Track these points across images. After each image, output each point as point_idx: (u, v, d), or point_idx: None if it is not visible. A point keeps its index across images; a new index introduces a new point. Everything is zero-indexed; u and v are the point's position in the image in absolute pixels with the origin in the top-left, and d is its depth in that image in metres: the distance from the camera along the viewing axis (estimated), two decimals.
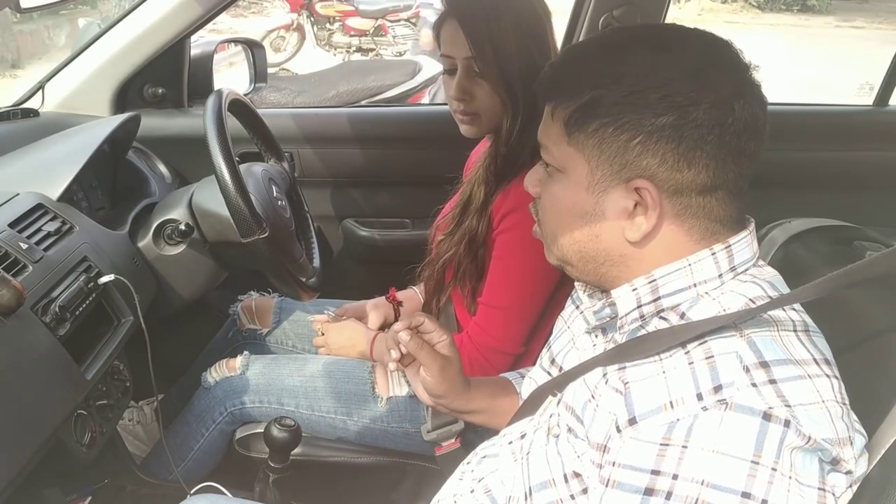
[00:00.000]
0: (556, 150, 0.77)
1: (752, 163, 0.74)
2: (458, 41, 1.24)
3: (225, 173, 1.21)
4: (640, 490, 0.65)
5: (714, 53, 0.73)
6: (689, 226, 0.74)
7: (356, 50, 8.29)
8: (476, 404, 1.06)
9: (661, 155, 0.71)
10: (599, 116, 0.72)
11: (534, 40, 1.24)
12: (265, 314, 1.66)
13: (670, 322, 0.75)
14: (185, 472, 1.40)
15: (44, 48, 7.53)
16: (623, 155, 0.72)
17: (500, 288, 1.28)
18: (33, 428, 1.00)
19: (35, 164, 1.36)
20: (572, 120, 0.74)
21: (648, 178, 0.72)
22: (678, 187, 0.72)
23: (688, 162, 0.71)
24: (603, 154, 0.73)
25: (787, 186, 1.81)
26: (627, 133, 0.71)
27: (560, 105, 0.76)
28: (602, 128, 0.72)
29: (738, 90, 0.72)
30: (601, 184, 0.74)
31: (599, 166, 0.74)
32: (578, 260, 0.80)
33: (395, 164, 2.01)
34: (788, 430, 0.63)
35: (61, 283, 1.12)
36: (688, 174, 0.71)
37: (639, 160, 0.72)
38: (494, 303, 1.28)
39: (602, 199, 0.75)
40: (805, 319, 0.74)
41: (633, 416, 0.68)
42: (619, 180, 0.73)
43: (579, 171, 0.75)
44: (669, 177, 0.72)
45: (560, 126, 0.76)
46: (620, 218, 0.75)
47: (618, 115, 0.71)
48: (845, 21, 11.60)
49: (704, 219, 0.74)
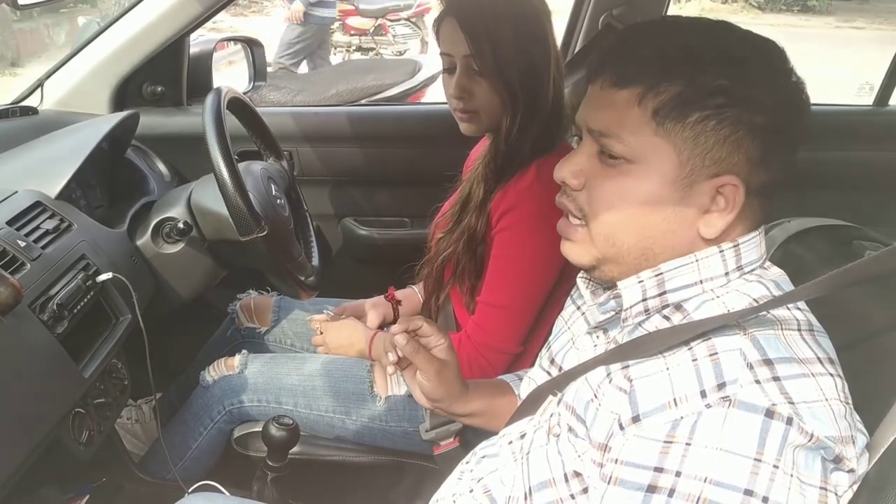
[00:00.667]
0: (633, 139, 0.73)
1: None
2: (457, 39, 1.24)
3: (224, 172, 1.21)
4: (643, 487, 0.65)
5: (788, 62, 0.74)
6: (749, 223, 0.75)
7: (356, 49, 8.28)
8: (473, 407, 1.05)
9: (751, 154, 0.71)
10: (700, 108, 0.70)
11: (533, 39, 1.24)
12: (264, 313, 1.66)
13: (672, 321, 0.75)
14: (183, 470, 1.40)
15: (43, 46, 7.52)
16: (719, 150, 0.71)
17: (498, 286, 1.28)
18: (31, 426, 1.00)
19: (33, 162, 1.36)
20: (666, 109, 0.71)
21: (737, 174, 0.71)
22: (754, 188, 0.73)
23: (765, 164, 0.72)
24: (698, 147, 0.71)
25: (786, 186, 1.81)
26: (728, 128, 0.70)
27: (650, 92, 0.71)
28: (704, 120, 0.70)
29: (804, 103, 0.74)
30: (690, 177, 0.72)
31: (691, 159, 0.71)
32: (637, 256, 0.76)
33: (395, 162, 2.01)
34: (791, 427, 0.63)
35: (59, 281, 1.12)
36: (763, 176, 0.72)
37: (731, 157, 0.71)
38: (493, 301, 1.28)
39: (688, 193, 0.72)
40: (809, 318, 0.74)
41: (637, 413, 0.68)
42: (707, 175, 0.72)
43: (665, 163, 0.72)
44: (753, 176, 0.72)
45: (646, 114, 0.71)
46: (699, 213, 0.73)
47: (718, 108, 0.69)
48: (846, 22, 11.61)
49: (754, 219, 0.76)
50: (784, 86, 0.72)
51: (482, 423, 1.08)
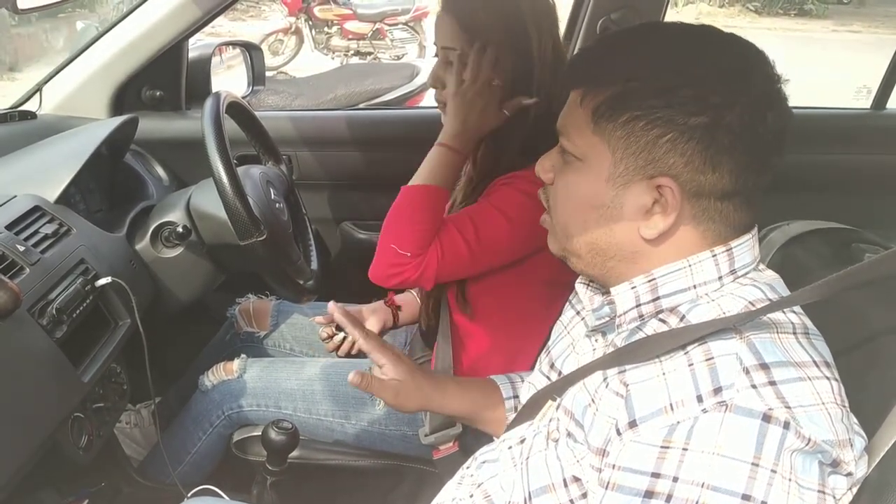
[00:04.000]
0: (578, 138, 0.76)
1: (771, 174, 0.74)
2: (442, 29, 1.24)
3: (223, 176, 1.21)
4: (641, 493, 0.65)
5: (751, 59, 0.73)
6: (703, 229, 0.74)
7: (354, 53, 8.31)
8: (451, 410, 1.08)
9: (688, 155, 0.70)
10: (631, 109, 0.71)
11: (524, 35, 1.21)
12: (263, 317, 1.66)
13: (669, 325, 0.75)
14: (183, 475, 1.40)
15: (42, 51, 7.52)
16: (651, 151, 0.71)
17: (469, 218, 1.22)
18: (30, 430, 1.00)
19: (32, 167, 1.36)
20: (602, 109, 0.73)
21: (673, 177, 0.71)
22: (700, 190, 0.72)
23: (713, 165, 0.71)
24: (630, 147, 0.72)
25: (785, 189, 1.80)
26: (659, 129, 0.70)
27: (590, 92, 0.74)
28: (633, 120, 0.71)
29: (771, 100, 0.72)
30: (623, 177, 0.73)
31: (624, 159, 0.73)
32: (587, 252, 0.79)
33: (393, 166, 2.00)
34: (788, 431, 0.63)
35: (58, 286, 1.12)
36: (711, 177, 0.71)
37: (666, 158, 0.71)
38: (457, 225, 1.21)
39: (622, 192, 0.74)
40: (805, 322, 0.74)
41: (634, 418, 0.67)
42: (642, 176, 0.73)
43: (601, 162, 0.74)
44: (693, 178, 0.71)
45: (587, 114, 0.74)
46: (637, 214, 0.74)
47: (650, 108, 0.70)
48: (842, 25, 11.63)
49: (720, 223, 0.74)
50: (738, 88, 0.70)
51: (465, 422, 1.13)
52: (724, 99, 0.69)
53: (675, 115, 0.70)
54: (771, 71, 0.73)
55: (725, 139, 0.70)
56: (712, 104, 0.69)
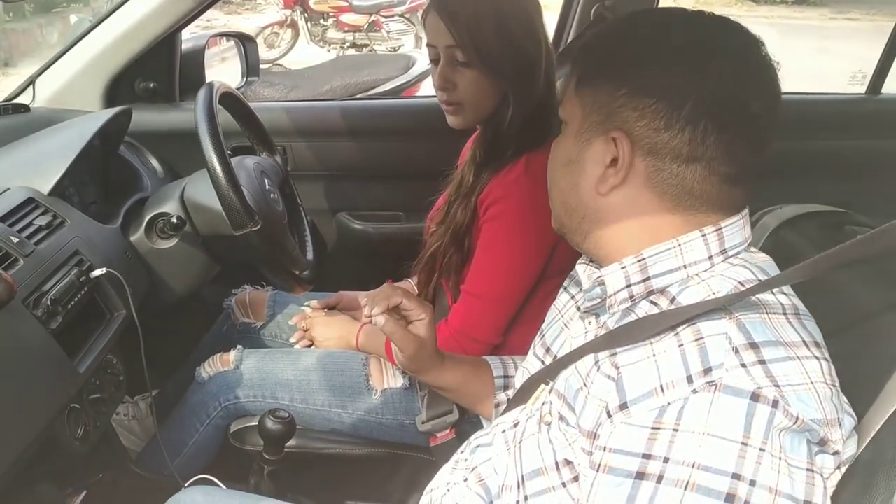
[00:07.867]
0: (567, 103, 0.81)
1: (752, 152, 0.74)
2: (440, 30, 1.24)
3: (216, 166, 1.21)
4: (632, 474, 0.65)
5: (719, 33, 0.75)
6: (660, 191, 0.75)
7: (350, 46, 8.27)
8: (444, 381, 1.08)
9: (642, 110, 0.73)
10: (605, 75, 0.76)
11: (520, 28, 1.24)
12: (259, 308, 1.66)
13: (660, 307, 0.75)
14: (181, 466, 1.40)
15: (36, 46, 7.49)
16: (609, 104, 0.75)
17: (480, 276, 1.28)
18: (26, 422, 1.00)
19: (26, 159, 1.36)
20: (583, 77, 0.79)
21: (626, 131, 0.74)
22: (653, 147, 0.73)
23: (666, 123, 0.72)
24: (595, 103, 0.76)
25: (779, 174, 1.81)
26: (615, 82, 0.74)
27: (578, 65, 0.81)
28: (603, 81, 0.76)
29: (749, 78, 0.72)
30: (588, 132, 0.77)
31: (589, 115, 0.77)
32: (564, 213, 0.83)
33: (389, 157, 2.01)
34: (776, 410, 0.63)
35: (53, 277, 1.12)
36: (664, 136, 0.72)
37: (620, 111, 0.74)
38: (474, 290, 1.28)
39: (585, 147, 0.78)
40: (795, 303, 0.74)
41: (625, 400, 0.68)
42: (601, 130, 0.76)
43: (575, 120, 0.79)
44: (645, 135, 0.73)
45: (573, 83, 0.80)
46: (597, 169, 0.77)
47: (619, 69, 0.75)
48: (840, 13, 11.59)
49: (677, 187, 0.74)
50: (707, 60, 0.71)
51: (452, 397, 1.14)
52: (692, 67, 0.71)
53: (635, 72, 0.73)
54: (756, 53, 0.74)
55: (675, 97, 0.71)
56: (678, 71, 0.72)
